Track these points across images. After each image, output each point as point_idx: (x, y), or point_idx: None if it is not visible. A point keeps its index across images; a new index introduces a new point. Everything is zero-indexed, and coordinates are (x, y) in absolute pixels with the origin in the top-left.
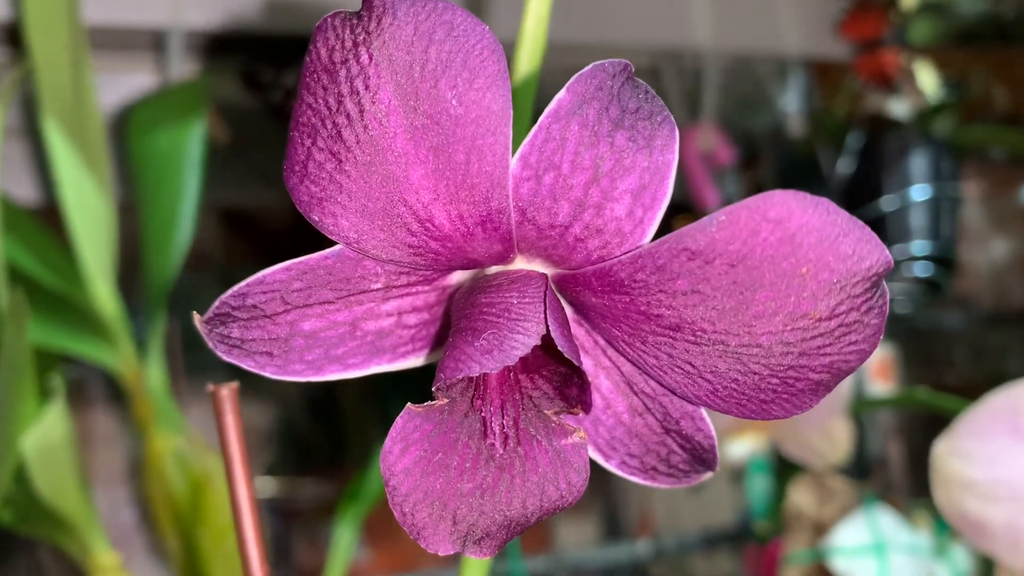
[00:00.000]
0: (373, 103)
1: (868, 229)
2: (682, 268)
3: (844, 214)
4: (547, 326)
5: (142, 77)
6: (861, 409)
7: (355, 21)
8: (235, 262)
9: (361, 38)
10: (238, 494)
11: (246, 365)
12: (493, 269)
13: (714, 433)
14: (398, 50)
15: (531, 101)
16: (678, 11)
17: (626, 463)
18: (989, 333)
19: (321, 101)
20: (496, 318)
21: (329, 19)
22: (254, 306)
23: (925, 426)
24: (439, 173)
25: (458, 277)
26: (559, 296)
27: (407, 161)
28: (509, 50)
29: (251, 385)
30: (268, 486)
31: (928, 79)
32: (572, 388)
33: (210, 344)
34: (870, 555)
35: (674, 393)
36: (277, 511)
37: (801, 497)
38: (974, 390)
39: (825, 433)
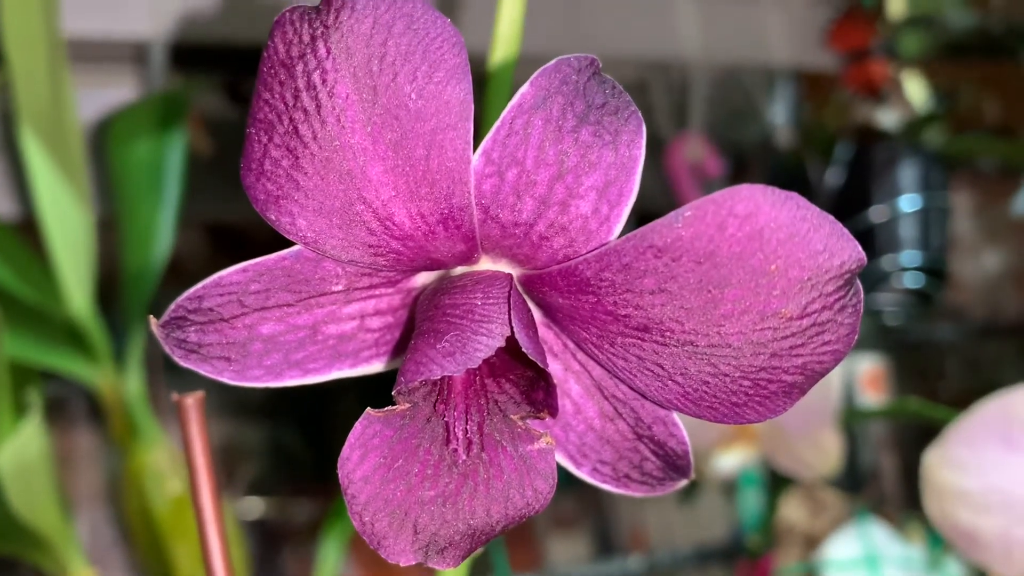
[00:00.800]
0: (330, 97)
1: (840, 224)
2: (648, 266)
3: (815, 209)
4: (511, 327)
5: (124, 90)
6: (852, 420)
7: (313, 15)
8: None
9: (319, 32)
10: (202, 504)
11: (203, 370)
12: (458, 270)
13: (688, 439)
14: (356, 43)
15: (505, 104)
16: (665, 23)
17: (598, 470)
18: (982, 345)
19: (278, 97)
20: (459, 320)
21: (287, 13)
22: (211, 309)
23: (918, 438)
24: (398, 169)
25: (423, 279)
26: (527, 297)
27: (365, 157)
28: (483, 57)
29: (240, 405)
30: (257, 506)
31: (916, 90)
32: (538, 392)
33: (166, 349)
34: (862, 568)
35: (645, 397)
36: (267, 531)
37: (792, 510)
38: (967, 403)
39: (815, 445)
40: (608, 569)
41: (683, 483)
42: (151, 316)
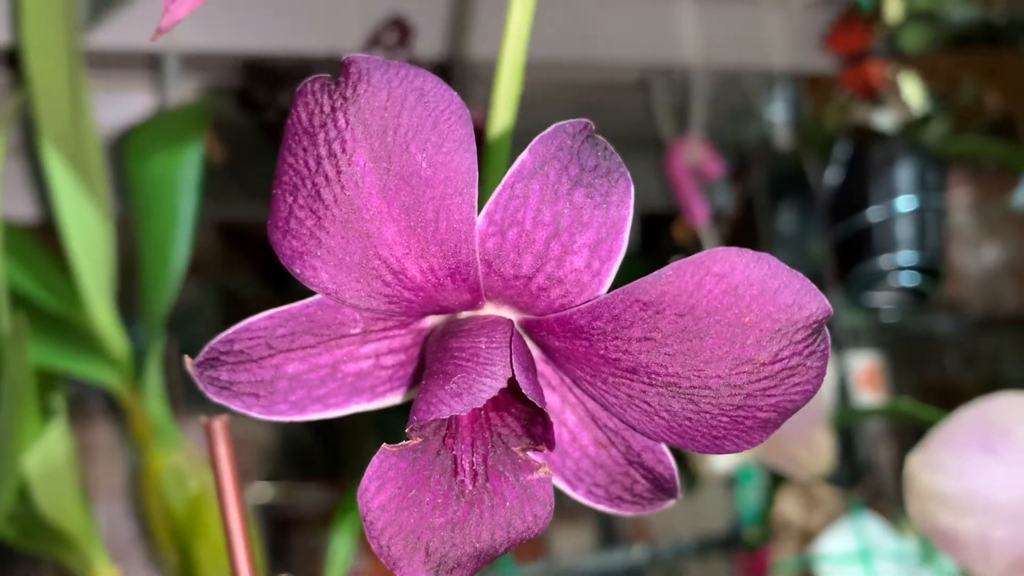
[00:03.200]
0: (350, 165)
1: (808, 281)
2: (635, 317)
3: (784, 267)
4: (513, 370)
5: (139, 97)
6: (846, 420)
7: (333, 87)
8: (230, 273)
9: (339, 103)
10: (231, 522)
11: (234, 406)
12: (464, 314)
13: (674, 464)
14: (372, 115)
15: (507, 152)
16: (666, 27)
17: (592, 492)
18: (980, 338)
19: (302, 162)
20: (465, 362)
21: (309, 84)
22: (241, 351)
23: (914, 433)
24: (411, 230)
25: (432, 321)
26: (527, 338)
27: (381, 219)
28: (489, 71)
29: None
30: (266, 492)
31: (913, 91)
32: (538, 427)
33: (200, 386)
34: (856, 562)
35: (634, 429)
36: (275, 518)
37: (788, 506)
38: (966, 396)
39: (807, 445)
40: (611, 560)
41: (671, 503)
42: (187, 356)
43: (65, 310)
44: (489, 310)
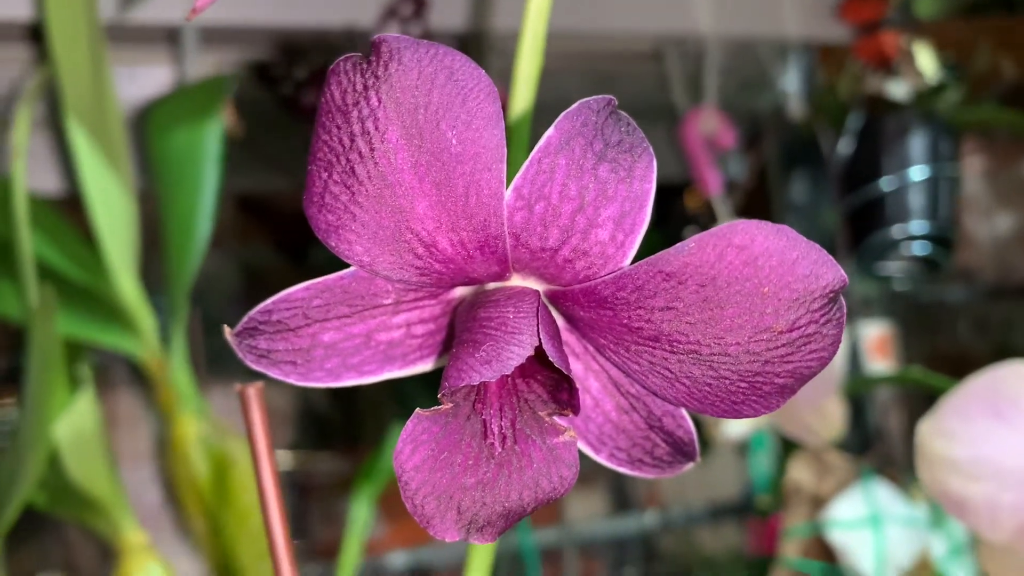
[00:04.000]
0: (382, 142)
1: (824, 252)
2: (658, 288)
3: (802, 239)
4: (540, 339)
5: (159, 70)
6: (857, 388)
7: (364, 66)
8: (248, 245)
9: (371, 82)
10: (265, 487)
11: (272, 373)
12: (492, 285)
13: (693, 429)
14: (404, 94)
15: (528, 127)
16: None
17: (614, 455)
18: (992, 306)
19: (336, 139)
20: (494, 331)
21: (341, 63)
22: (279, 321)
23: (925, 400)
24: (442, 204)
25: (461, 292)
26: (552, 308)
27: (413, 194)
28: (504, 43)
29: None
30: (286, 459)
31: (927, 61)
32: (563, 393)
33: (239, 354)
34: (867, 528)
35: (655, 395)
36: (294, 485)
37: (800, 472)
38: (977, 364)
39: (819, 412)
40: (624, 525)
41: (690, 466)
42: (225, 326)
43: (91, 282)
44: (516, 281)
